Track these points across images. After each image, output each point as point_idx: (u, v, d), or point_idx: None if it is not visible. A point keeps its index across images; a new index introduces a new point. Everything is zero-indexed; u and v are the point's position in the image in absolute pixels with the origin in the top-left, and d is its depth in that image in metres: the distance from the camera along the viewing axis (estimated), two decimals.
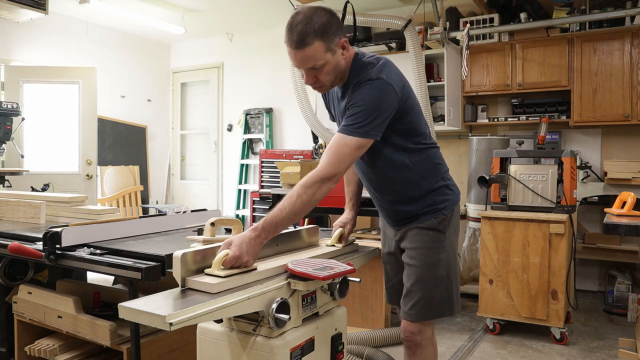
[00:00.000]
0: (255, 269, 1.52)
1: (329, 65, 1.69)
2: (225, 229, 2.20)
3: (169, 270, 1.66)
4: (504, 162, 3.70)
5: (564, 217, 3.35)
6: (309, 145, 5.77)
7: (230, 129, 6.80)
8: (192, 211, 2.64)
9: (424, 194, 1.88)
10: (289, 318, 1.45)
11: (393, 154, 1.82)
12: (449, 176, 1.96)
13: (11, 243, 1.98)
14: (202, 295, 1.33)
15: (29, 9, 4.09)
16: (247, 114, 6.54)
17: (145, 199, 6.68)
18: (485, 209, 3.75)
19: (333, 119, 2.05)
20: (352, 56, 1.77)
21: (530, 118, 4.58)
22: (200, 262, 1.46)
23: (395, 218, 1.97)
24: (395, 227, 1.99)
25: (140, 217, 2.42)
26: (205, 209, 2.73)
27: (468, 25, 4.37)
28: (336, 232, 1.98)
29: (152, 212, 6.35)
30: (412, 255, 1.90)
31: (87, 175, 5.55)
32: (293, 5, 4.51)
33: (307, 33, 1.62)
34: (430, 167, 1.89)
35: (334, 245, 1.96)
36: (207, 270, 1.45)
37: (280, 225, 1.57)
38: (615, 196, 2.81)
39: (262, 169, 6.02)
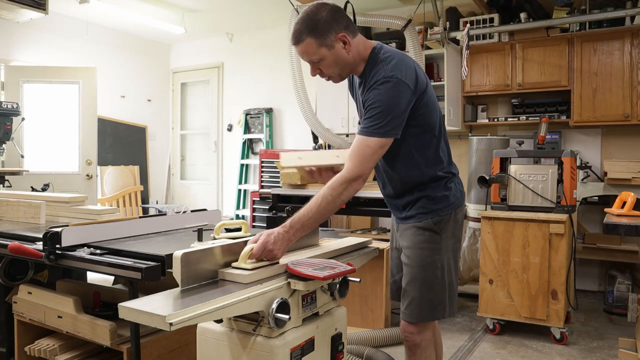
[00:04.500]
0: (278, 262, 1.58)
1: (326, 59, 1.76)
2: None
3: (169, 270, 1.66)
4: (504, 162, 3.69)
5: (564, 217, 3.35)
6: (309, 145, 5.76)
7: (230, 129, 6.80)
8: (192, 211, 2.64)
9: (424, 184, 1.88)
10: (289, 318, 1.45)
11: (405, 147, 1.83)
12: (454, 179, 1.95)
13: (11, 243, 1.98)
14: (203, 295, 1.33)
15: (29, 9, 4.08)
16: (247, 114, 6.54)
17: (145, 199, 6.68)
18: (485, 209, 3.75)
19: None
20: (368, 49, 1.81)
21: (530, 118, 4.58)
22: (199, 262, 1.46)
23: (399, 208, 1.98)
24: (398, 222, 2.01)
25: (140, 217, 2.42)
26: (205, 209, 2.73)
27: (468, 25, 4.37)
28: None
29: (152, 212, 6.35)
30: (408, 254, 1.91)
31: (87, 175, 5.55)
32: (293, 5, 4.51)
33: (301, 30, 1.73)
34: (434, 163, 1.88)
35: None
36: (234, 264, 1.51)
37: (307, 224, 1.64)
38: (615, 196, 2.81)
39: (262, 169, 6.01)
